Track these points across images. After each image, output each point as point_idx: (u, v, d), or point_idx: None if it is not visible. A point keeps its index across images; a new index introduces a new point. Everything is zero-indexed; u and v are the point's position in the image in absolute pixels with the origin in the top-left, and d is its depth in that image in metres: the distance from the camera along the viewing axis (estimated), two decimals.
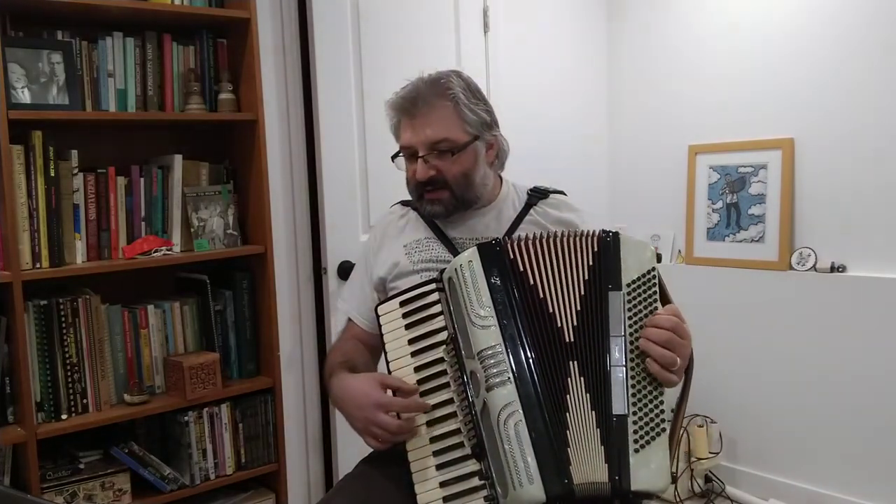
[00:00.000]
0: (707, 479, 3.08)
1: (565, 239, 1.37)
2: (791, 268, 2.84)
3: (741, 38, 2.94)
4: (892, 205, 2.59)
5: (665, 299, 1.39)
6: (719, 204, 3.03)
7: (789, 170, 2.82)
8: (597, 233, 1.38)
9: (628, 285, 1.34)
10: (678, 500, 2.95)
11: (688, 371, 1.40)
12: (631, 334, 1.31)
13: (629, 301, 1.33)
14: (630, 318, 1.32)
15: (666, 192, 3.23)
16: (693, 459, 3.00)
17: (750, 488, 3.00)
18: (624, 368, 1.29)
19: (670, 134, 3.19)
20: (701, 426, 3.01)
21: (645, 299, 1.34)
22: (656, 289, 1.35)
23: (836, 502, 2.77)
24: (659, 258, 1.38)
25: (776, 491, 2.92)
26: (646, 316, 1.33)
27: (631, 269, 1.35)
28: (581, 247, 1.36)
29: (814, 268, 2.77)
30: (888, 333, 2.60)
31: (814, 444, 2.83)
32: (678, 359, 1.30)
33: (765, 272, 2.90)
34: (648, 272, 1.35)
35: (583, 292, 1.33)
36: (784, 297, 2.85)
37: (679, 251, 3.21)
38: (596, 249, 1.36)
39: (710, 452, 3.02)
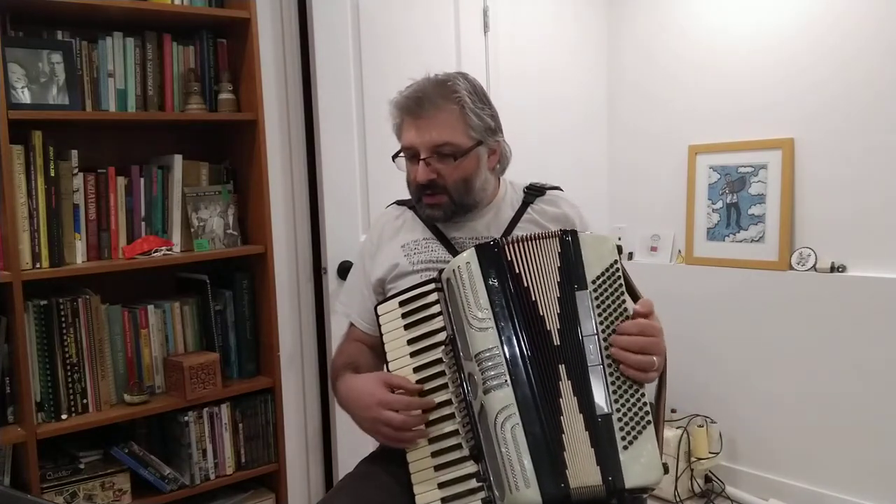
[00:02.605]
0: (707, 479, 3.08)
1: (539, 241, 1.37)
2: (791, 268, 2.84)
3: (741, 38, 2.93)
4: (892, 205, 2.59)
5: (630, 290, 1.39)
6: (719, 204, 3.03)
7: (789, 170, 2.82)
8: (557, 233, 1.38)
9: (593, 282, 1.34)
10: (678, 500, 2.95)
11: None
12: (603, 331, 1.32)
13: (596, 298, 1.33)
14: (600, 314, 1.32)
15: (666, 192, 3.23)
16: (693, 459, 3.00)
17: (750, 488, 3.00)
18: (601, 367, 1.30)
19: (670, 134, 3.19)
20: (701, 426, 3.01)
21: (611, 294, 1.34)
22: (621, 282, 1.35)
23: (836, 502, 2.77)
24: (620, 250, 1.38)
25: (776, 491, 2.92)
26: (615, 311, 1.33)
27: (593, 266, 1.35)
28: (549, 248, 1.36)
29: (814, 268, 2.77)
30: (888, 333, 2.59)
31: (814, 444, 2.83)
32: (654, 358, 1.30)
33: (765, 272, 2.90)
34: (611, 266, 1.35)
35: (559, 294, 1.34)
36: (784, 297, 2.85)
37: (679, 251, 3.21)
38: (560, 250, 1.36)
39: (710, 452, 3.02)
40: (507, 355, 1.28)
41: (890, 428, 2.61)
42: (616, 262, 1.36)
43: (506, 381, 1.27)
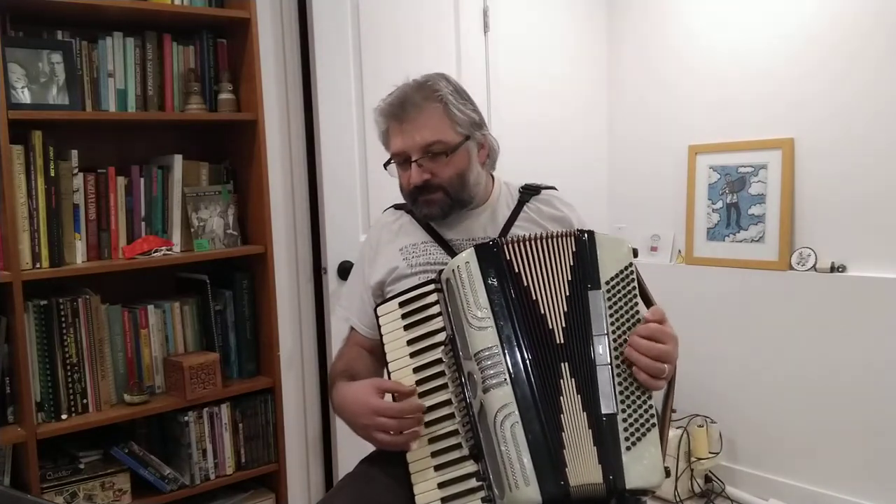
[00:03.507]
0: (707, 479, 3.08)
1: (550, 240, 1.37)
2: (791, 268, 2.83)
3: (741, 37, 2.93)
4: (892, 205, 2.59)
5: (644, 294, 1.39)
6: (719, 204, 3.03)
7: (789, 170, 2.82)
8: (573, 233, 1.38)
9: (607, 283, 1.34)
10: (678, 500, 2.95)
11: None
12: (614, 332, 1.32)
13: (609, 299, 1.33)
14: (611, 315, 1.33)
15: (666, 192, 3.23)
16: (693, 459, 3.00)
17: (750, 488, 3.00)
18: (609, 367, 1.30)
19: (670, 134, 3.19)
20: (701, 426, 3.01)
21: (624, 296, 1.34)
22: (635, 284, 1.36)
23: (836, 502, 2.77)
24: (635, 253, 1.38)
25: (776, 491, 2.92)
26: (627, 312, 1.33)
27: (608, 267, 1.35)
28: (562, 247, 1.37)
29: (814, 268, 2.77)
30: (888, 333, 2.59)
31: (814, 444, 2.82)
32: (665, 365, 1.30)
33: (765, 272, 2.90)
34: (626, 268, 1.36)
35: (568, 293, 1.34)
36: (784, 297, 2.85)
37: (679, 251, 3.21)
38: (575, 250, 1.36)
39: (710, 452, 3.02)
40: (507, 354, 1.29)
41: (890, 428, 2.61)
42: (631, 264, 1.36)
43: (505, 379, 1.27)
